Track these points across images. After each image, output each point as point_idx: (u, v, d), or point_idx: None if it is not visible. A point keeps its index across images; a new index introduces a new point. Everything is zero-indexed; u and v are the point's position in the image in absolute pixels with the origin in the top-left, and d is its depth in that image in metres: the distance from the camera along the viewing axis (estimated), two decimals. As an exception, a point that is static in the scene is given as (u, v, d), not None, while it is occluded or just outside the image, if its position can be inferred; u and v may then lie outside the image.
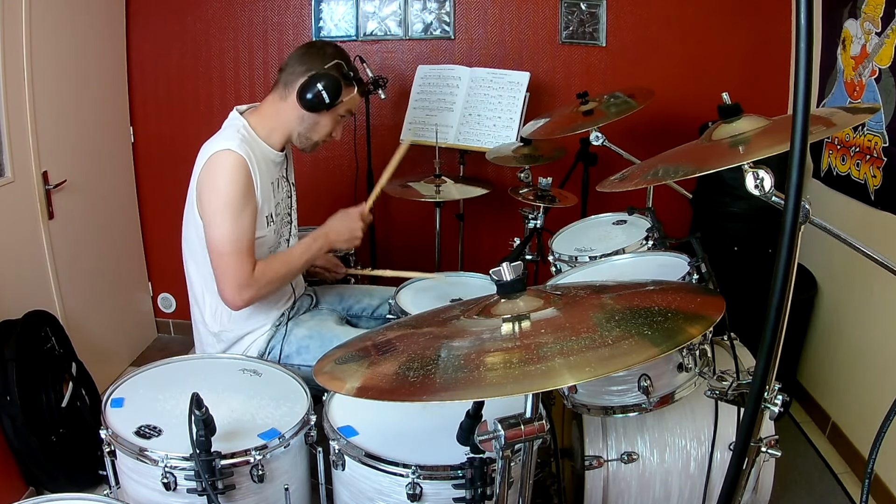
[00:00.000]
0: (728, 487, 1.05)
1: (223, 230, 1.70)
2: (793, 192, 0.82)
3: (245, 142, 1.75)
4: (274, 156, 1.87)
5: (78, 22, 2.75)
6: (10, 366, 2.07)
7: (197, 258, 1.84)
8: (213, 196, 1.72)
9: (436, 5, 3.04)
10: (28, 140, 2.44)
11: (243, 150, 1.72)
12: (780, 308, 0.88)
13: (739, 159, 1.11)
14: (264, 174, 1.81)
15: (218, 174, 1.71)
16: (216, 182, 1.71)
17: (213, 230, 1.72)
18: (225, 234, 1.70)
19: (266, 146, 1.85)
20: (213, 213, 1.72)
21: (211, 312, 1.89)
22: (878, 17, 2.26)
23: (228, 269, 1.71)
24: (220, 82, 3.18)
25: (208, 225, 1.73)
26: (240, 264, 1.71)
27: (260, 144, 1.83)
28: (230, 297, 1.73)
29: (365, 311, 2.19)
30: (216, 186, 1.71)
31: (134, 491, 1.43)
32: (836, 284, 2.65)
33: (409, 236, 3.29)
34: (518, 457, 1.08)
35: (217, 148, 1.72)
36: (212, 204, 1.72)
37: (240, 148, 1.71)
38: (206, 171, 1.73)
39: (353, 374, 1.03)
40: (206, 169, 1.73)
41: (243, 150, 1.71)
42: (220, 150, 1.71)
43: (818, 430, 2.68)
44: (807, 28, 0.77)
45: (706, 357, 1.54)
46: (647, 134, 2.98)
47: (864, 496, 1.21)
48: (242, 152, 1.71)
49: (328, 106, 1.79)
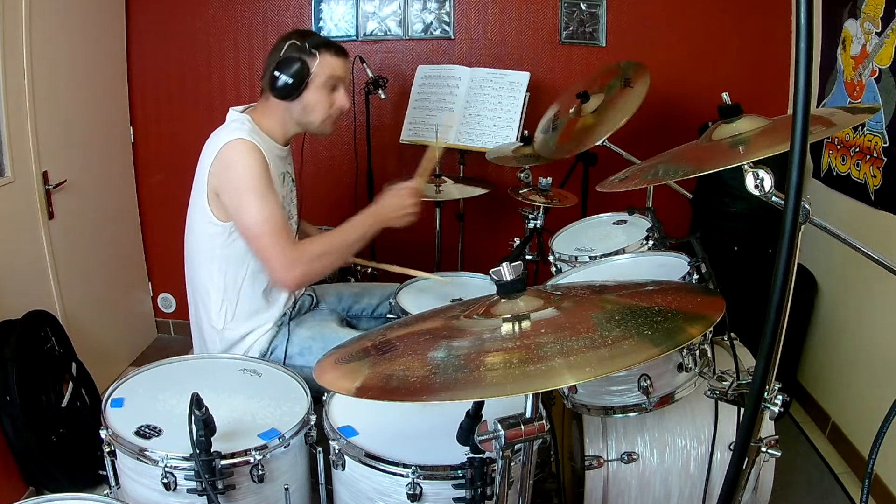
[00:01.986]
0: (728, 487, 1.05)
1: (255, 212, 1.70)
2: (793, 192, 0.82)
3: (252, 132, 1.78)
4: (279, 150, 1.89)
5: (78, 22, 2.75)
6: (10, 366, 2.07)
7: (202, 254, 1.84)
8: (236, 183, 1.72)
9: (436, 5, 3.04)
10: (28, 140, 2.45)
11: (253, 138, 1.74)
12: (780, 308, 0.88)
13: (739, 159, 1.11)
14: (272, 165, 1.82)
15: (236, 161, 1.72)
16: (236, 168, 1.72)
17: (244, 216, 1.72)
18: (257, 215, 1.70)
19: (270, 140, 1.86)
20: (239, 199, 1.72)
21: (217, 308, 1.88)
22: (878, 17, 2.26)
23: (271, 248, 1.71)
24: (220, 82, 3.18)
25: (238, 212, 1.73)
26: (280, 242, 1.71)
27: (265, 138, 1.84)
28: (282, 276, 1.74)
29: (365, 311, 2.19)
30: (237, 173, 1.72)
31: (134, 491, 1.43)
32: (836, 284, 2.65)
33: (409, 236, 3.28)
34: (518, 457, 1.08)
35: (228, 138, 1.73)
36: (237, 191, 1.72)
37: (250, 136, 1.74)
38: (221, 162, 1.73)
39: (353, 374, 1.03)
40: (219, 159, 1.73)
41: (252, 139, 1.74)
42: (232, 140, 1.72)
43: (818, 430, 2.68)
44: (807, 28, 0.77)
45: (706, 357, 1.54)
46: (647, 134, 2.98)
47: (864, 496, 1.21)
48: (254, 140, 1.73)
49: (299, 84, 1.78)
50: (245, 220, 1.72)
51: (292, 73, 1.77)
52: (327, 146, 3.20)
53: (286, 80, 1.77)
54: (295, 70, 1.77)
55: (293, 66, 1.77)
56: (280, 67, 1.77)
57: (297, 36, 1.83)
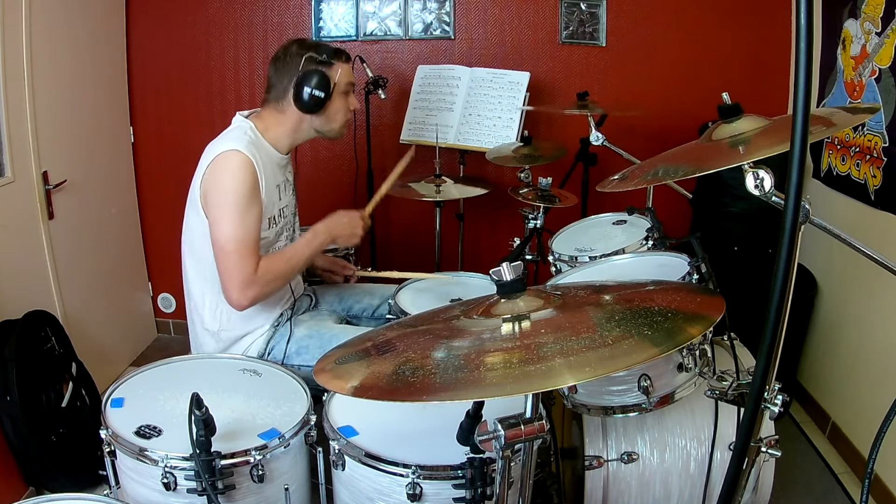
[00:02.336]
0: (728, 487, 1.05)
1: (228, 229, 1.71)
2: (793, 192, 0.82)
3: (252, 143, 1.77)
4: (279, 159, 1.90)
5: (78, 22, 2.75)
6: (10, 366, 2.07)
7: (198, 257, 1.85)
8: (219, 195, 1.73)
9: (436, 5, 3.04)
10: (28, 140, 2.44)
11: (249, 151, 1.74)
12: (780, 308, 0.88)
13: (739, 159, 1.11)
14: (269, 176, 1.82)
15: (224, 173, 1.72)
16: (223, 181, 1.72)
17: (218, 229, 1.72)
18: (230, 232, 1.71)
19: (272, 149, 1.87)
20: (218, 211, 1.73)
21: (211, 311, 1.89)
22: (878, 17, 2.26)
23: (233, 267, 1.72)
24: (220, 82, 3.18)
25: (213, 224, 1.74)
26: (244, 263, 1.72)
27: (266, 147, 1.85)
28: (235, 297, 1.73)
29: (365, 312, 2.19)
30: (222, 186, 1.72)
31: (134, 491, 1.43)
32: (836, 284, 2.65)
33: (409, 236, 3.29)
34: (518, 457, 1.08)
35: (224, 148, 1.73)
36: (218, 203, 1.73)
37: (246, 149, 1.73)
38: (212, 171, 1.74)
39: (353, 374, 1.03)
40: (211, 168, 1.74)
41: (249, 152, 1.74)
42: (227, 150, 1.72)
43: (818, 430, 2.68)
44: (807, 28, 0.77)
45: (706, 357, 1.54)
46: (647, 134, 2.98)
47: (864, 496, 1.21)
48: (248, 153, 1.73)
49: (327, 97, 1.82)
50: (218, 233, 1.72)
51: (321, 87, 1.79)
52: (327, 146, 3.20)
53: (317, 95, 1.79)
54: (322, 83, 1.80)
55: (319, 80, 1.79)
56: (306, 82, 1.79)
57: (309, 48, 1.84)
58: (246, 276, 1.72)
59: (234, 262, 1.71)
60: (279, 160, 1.90)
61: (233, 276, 1.72)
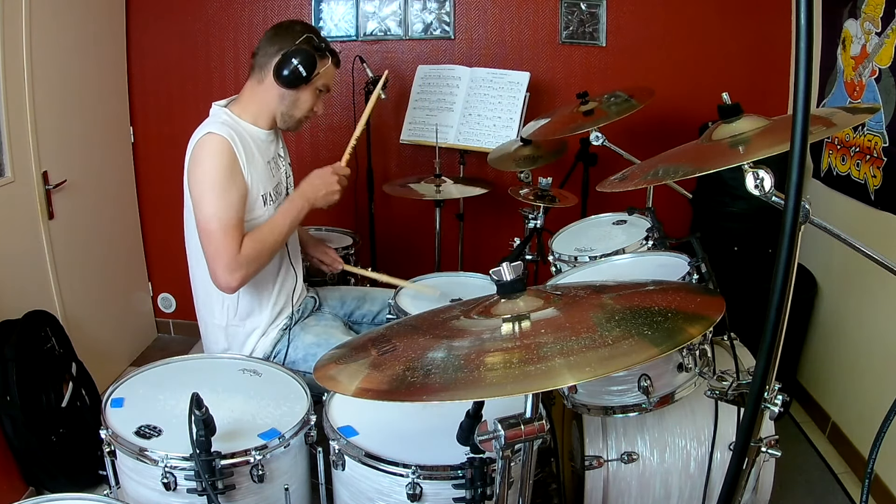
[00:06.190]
0: (728, 487, 1.05)
1: (209, 209, 1.70)
2: (793, 192, 0.82)
3: (227, 125, 1.77)
4: (264, 135, 1.88)
5: (78, 22, 2.75)
6: (10, 366, 2.07)
7: (200, 255, 1.84)
8: (198, 178, 1.73)
9: (436, 5, 3.04)
10: (28, 140, 2.45)
11: (225, 132, 1.73)
12: (780, 308, 0.88)
13: (739, 159, 1.11)
14: (255, 154, 1.82)
15: (202, 156, 1.73)
16: (201, 163, 1.73)
17: (199, 210, 1.72)
18: (212, 212, 1.70)
19: (253, 127, 1.86)
20: (199, 193, 1.73)
21: (220, 305, 1.89)
22: (878, 17, 2.26)
23: (218, 247, 1.70)
24: (220, 82, 3.18)
25: (196, 205, 1.74)
26: (227, 242, 1.70)
27: (247, 127, 1.84)
28: (222, 277, 1.72)
29: (365, 318, 2.19)
30: (201, 168, 1.73)
31: (134, 491, 1.43)
32: (836, 284, 2.65)
33: (409, 236, 3.29)
34: (518, 457, 1.08)
35: (199, 134, 1.75)
36: (198, 185, 1.73)
37: (221, 130, 1.73)
38: (192, 157, 1.75)
39: (353, 374, 1.03)
40: (192, 156, 1.75)
41: (225, 133, 1.73)
42: (203, 135, 1.73)
43: (818, 430, 2.68)
44: (807, 28, 0.77)
45: (706, 357, 1.54)
46: (647, 134, 2.98)
47: (864, 496, 1.21)
48: (224, 133, 1.73)
49: (306, 80, 1.80)
50: (200, 214, 1.72)
51: (306, 66, 1.77)
52: (327, 146, 3.20)
53: (300, 71, 1.77)
54: (308, 63, 1.78)
55: (307, 59, 1.78)
56: (294, 54, 1.77)
57: (310, 30, 1.84)
58: (230, 256, 1.70)
59: (219, 241, 1.70)
60: (264, 136, 1.88)
61: (219, 257, 1.70)
